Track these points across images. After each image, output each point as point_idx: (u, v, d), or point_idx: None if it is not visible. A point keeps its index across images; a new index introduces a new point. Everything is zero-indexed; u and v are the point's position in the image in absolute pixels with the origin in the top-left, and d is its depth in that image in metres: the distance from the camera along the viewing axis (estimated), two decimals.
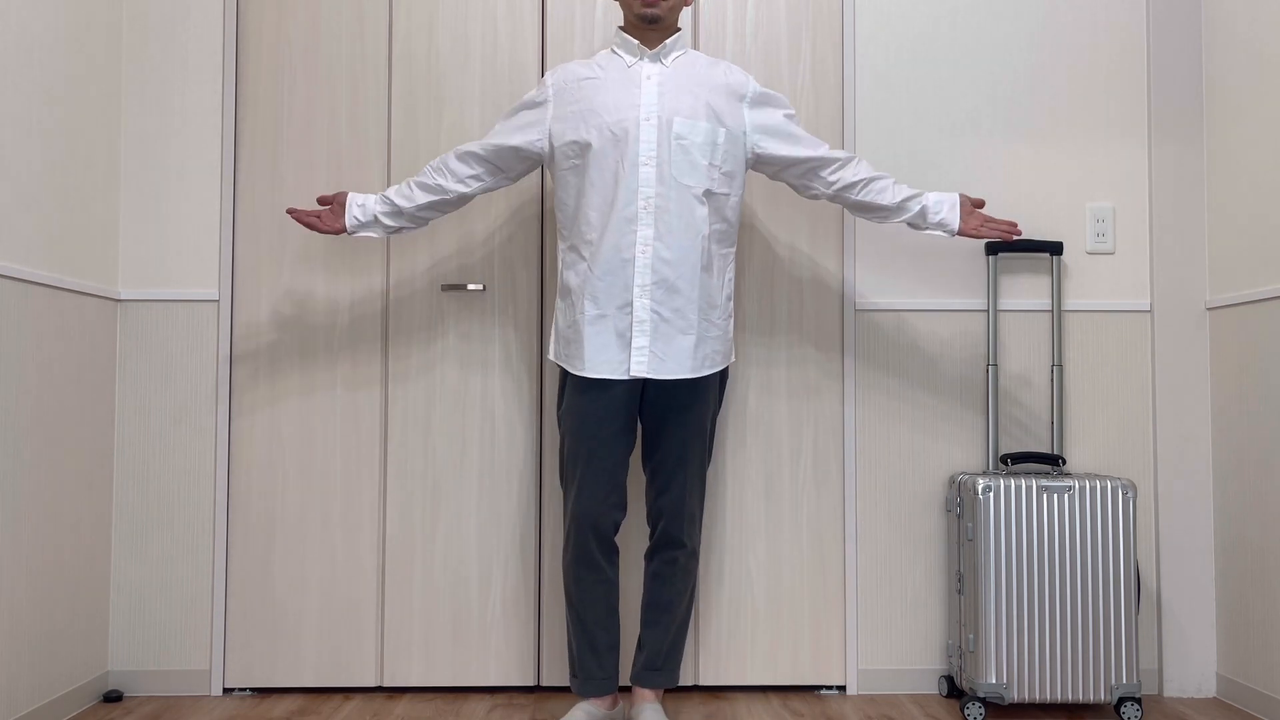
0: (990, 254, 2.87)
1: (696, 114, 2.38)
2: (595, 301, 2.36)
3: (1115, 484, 2.60)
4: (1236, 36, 2.76)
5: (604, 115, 2.38)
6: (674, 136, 2.36)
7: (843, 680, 2.85)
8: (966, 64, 2.92)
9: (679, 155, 2.36)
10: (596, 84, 2.42)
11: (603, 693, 2.46)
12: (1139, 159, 2.92)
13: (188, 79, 2.86)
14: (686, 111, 2.38)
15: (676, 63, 2.45)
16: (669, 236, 2.35)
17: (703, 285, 2.38)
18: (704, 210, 2.38)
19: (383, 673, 2.82)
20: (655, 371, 2.34)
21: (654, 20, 2.40)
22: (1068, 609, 2.57)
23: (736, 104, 2.44)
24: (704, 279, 2.38)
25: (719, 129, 2.39)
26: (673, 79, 2.41)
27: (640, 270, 2.34)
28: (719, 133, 2.39)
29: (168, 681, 2.79)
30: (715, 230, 2.41)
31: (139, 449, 2.82)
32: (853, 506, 2.85)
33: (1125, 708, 2.57)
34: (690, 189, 2.36)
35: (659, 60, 2.43)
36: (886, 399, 2.88)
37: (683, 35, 2.48)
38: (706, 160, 2.37)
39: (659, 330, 2.34)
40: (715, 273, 2.42)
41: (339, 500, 2.83)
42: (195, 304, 2.83)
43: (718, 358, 2.43)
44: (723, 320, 2.44)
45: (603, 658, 2.45)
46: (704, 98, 2.40)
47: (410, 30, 2.88)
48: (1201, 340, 2.87)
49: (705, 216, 2.38)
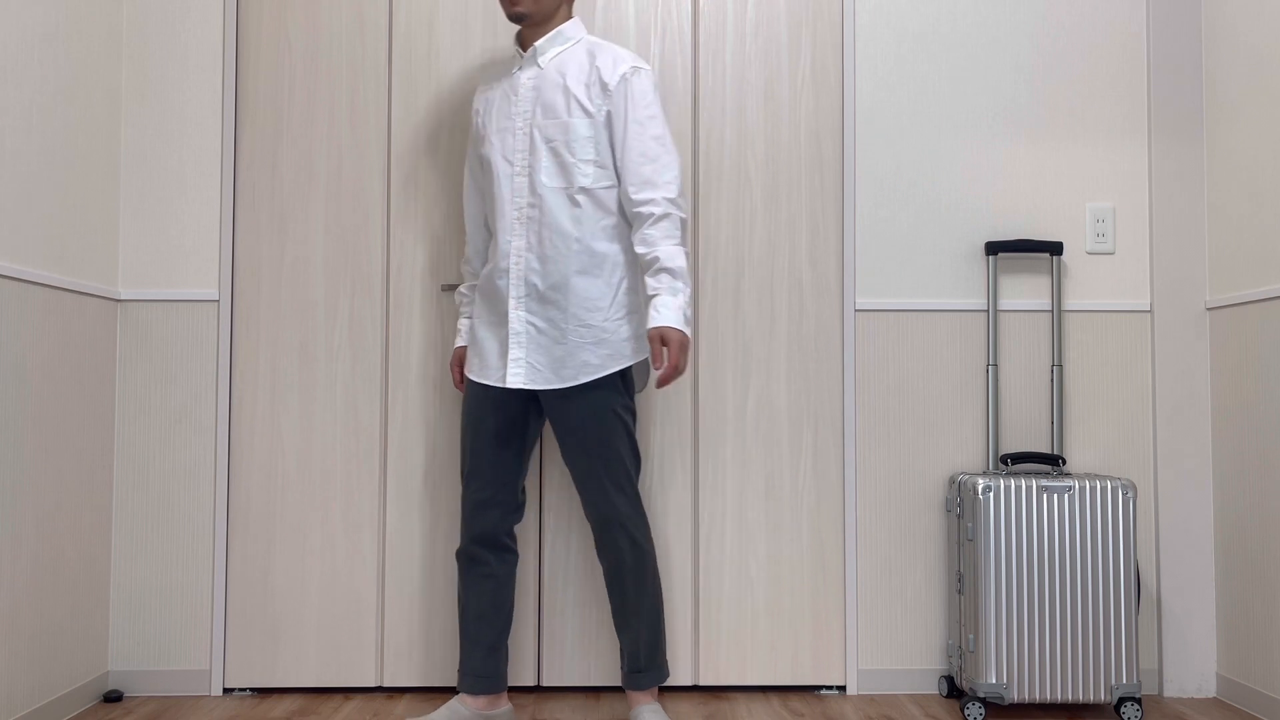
0: (990, 254, 2.87)
1: (562, 111, 2.36)
2: (488, 309, 2.45)
3: (1115, 484, 2.60)
4: (1236, 36, 2.76)
5: (490, 132, 2.46)
6: (544, 141, 2.36)
7: (843, 680, 2.85)
8: (966, 64, 2.92)
9: (548, 159, 2.36)
10: (489, 100, 2.49)
11: (477, 691, 2.44)
12: (1139, 159, 2.93)
13: (188, 79, 2.86)
14: (554, 111, 2.37)
15: (555, 61, 2.42)
16: (540, 246, 2.36)
17: (580, 292, 2.35)
18: (582, 210, 2.35)
19: (383, 673, 2.82)
20: (531, 382, 2.36)
21: (520, 19, 2.41)
22: (1068, 609, 2.57)
23: (600, 90, 2.38)
24: (582, 285, 2.35)
25: (584, 120, 2.36)
26: (547, 80, 2.40)
27: (514, 282, 2.38)
28: (584, 124, 2.36)
29: (168, 681, 2.79)
30: (603, 227, 2.37)
31: (139, 449, 2.82)
32: (853, 506, 2.85)
33: (1125, 708, 2.57)
34: (563, 191, 2.36)
35: (535, 62, 2.43)
36: (886, 399, 2.88)
37: (568, 28, 2.45)
38: (575, 157, 2.35)
39: (535, 341, 2.36)
40: (603, 273, 2.37)
41: (339, 500, 2.83)
42: (195, 304, 2.83)
43: (595, 365, 2.35)
44: (613, 323, 2.37)
45: (483, 655, 2.46)
46: (573, 91, 2.37)
47: (410, 30, 2.88)
48: (1201, 340, 2.87)
49: (584, 217, 2.35)
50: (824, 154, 2.90)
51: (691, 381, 2.86)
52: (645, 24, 2.90)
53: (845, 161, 2.89)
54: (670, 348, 2.27)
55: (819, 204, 2.89)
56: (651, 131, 2.36)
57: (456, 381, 2.62)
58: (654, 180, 2.34)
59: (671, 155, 2.37)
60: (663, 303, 2.28)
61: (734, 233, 2.88)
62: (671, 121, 2.89)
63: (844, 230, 2.89)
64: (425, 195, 2.86)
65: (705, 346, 2.87)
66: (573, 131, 2.35)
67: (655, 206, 2.32)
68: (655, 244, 2.31)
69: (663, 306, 2.28)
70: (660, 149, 2.36)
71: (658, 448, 2.85)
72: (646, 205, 2.33)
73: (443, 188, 2.86)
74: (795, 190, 2.89)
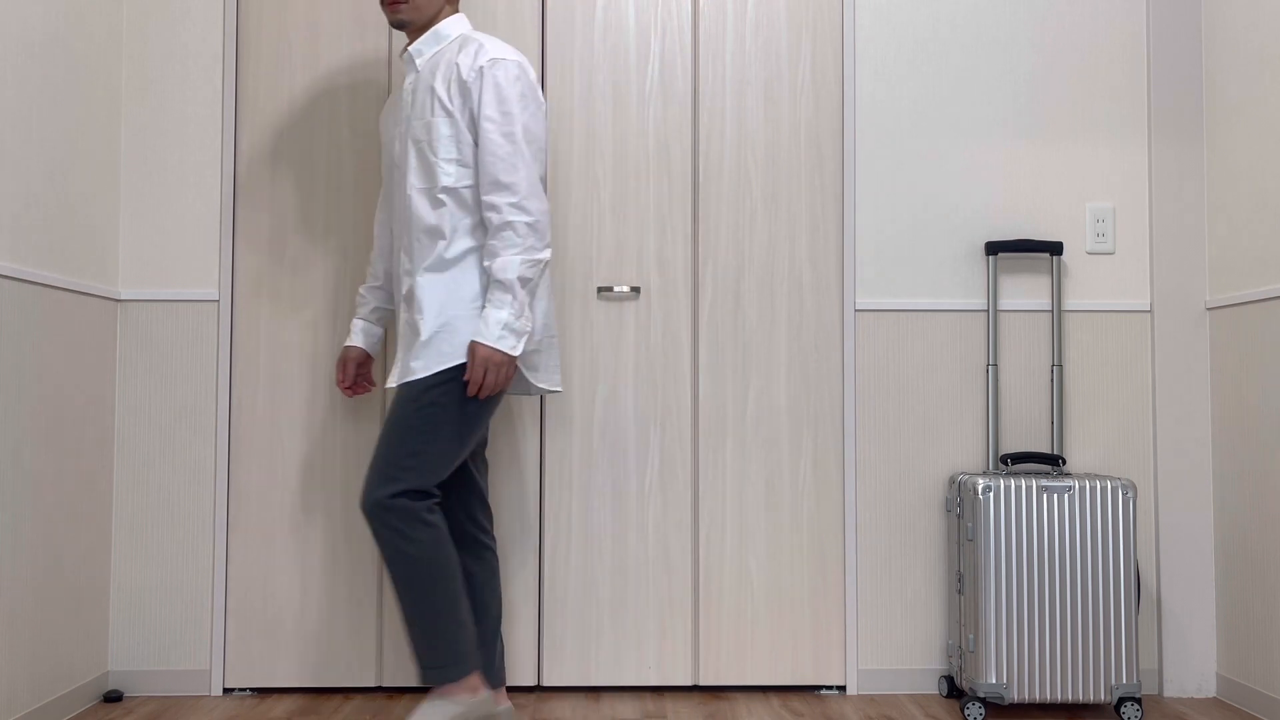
0: (990, 254, 2.87)
1: (427, 111, 2.33)
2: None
3: (1115, 484, 2.60)
4: (1236, 37, 2.76)
5: (385, 141, 2.51)
6: (413, 143, 2.34)
7: (843, 680, 2.85)
8: (967, 64, 2.92)
9: (415, 161, 2.33)
10: (387, 109, 2.52)
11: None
12: (1139, 159, 2.93)
13: (188, 79, 2.86)
14: (422, 112, 2.34)
15: (430, 61, 2.38)
16: (411, 248, 2.34)
17: (441, 290, 2.30)
18: (446, 210, 2.30)
19: (383, 673, 2.82)
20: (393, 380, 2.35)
21: (401, 25, 2.39)
22: (1068, 609, 2.57)
23: (458, 86, 2.31)
24: (443, 283, 2.30)
25: (444, 119, 2.31)
26: (421, 82, 2.37)
27: (397, 284, 2.41)
28: (444, 123, 2.31)
29: (168, 681, 2.79)
30: (469, 227, 2.31)
31: (139, 449, 2.82)
32: (853, 506, 2.85)
33: (1125, 708, 2.57)
34: (427, 191, 2.32)
35: (414, 65, 2.40)
36: (886, 399, 2.88)
37: (444, 26, 2.39)
38: (438, 156, 2.30)
39: (408, 343, 2.33)
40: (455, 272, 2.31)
41: (339, 500, 2.83)
42: (195, 304, 2.83)
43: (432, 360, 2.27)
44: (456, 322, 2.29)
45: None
46: (437, 90, 2.32)
47: None
48: (1201, 340, 2.87)
49: (447, 215, 2.30)
50: (824, 154, 2.90)
51: (691, 381, 2.86)
52: (645, 24, 2.90)
53: (845, 161, 2.89)
54: (472, 361, 2.22)
55: (819, 204, 2.89)
56: (504, 129, 2.27)
57: (339, 381, 2.64)
58: (500, 181, 2.26)
59: (523, 155, 2.27)
60: (484, 315, 2.24)
61: (734, 233, 2.88)
62: (671, 121, 2.89)
63: (844, 230, 2.89)
64: None
65: (705, 346, 2.87)
66: (435, 131, 2.31)
67: (496, 214, 2.25)
68: (494, 254, 2.25)
69: (482, 319, 2.24)
70: (509, 148, 2.27)
71: (658, 448, 2.85)
72: (490, 211, 2.26)
73: None
74: (795, 190, 2.89)
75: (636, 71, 2.89)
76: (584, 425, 2.85)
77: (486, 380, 2.23)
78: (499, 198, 2.25)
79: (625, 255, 2.87)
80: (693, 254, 2.88)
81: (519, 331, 2.25)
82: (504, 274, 2.23)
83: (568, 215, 2.87)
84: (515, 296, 2.24)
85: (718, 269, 2.88)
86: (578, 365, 2.85)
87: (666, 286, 2.87)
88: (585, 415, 2.85)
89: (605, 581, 2.84)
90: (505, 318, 2.23)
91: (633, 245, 2.87)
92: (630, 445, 2.85)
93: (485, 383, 2.24)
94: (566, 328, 2.86)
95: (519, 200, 2.25)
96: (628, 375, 2.85)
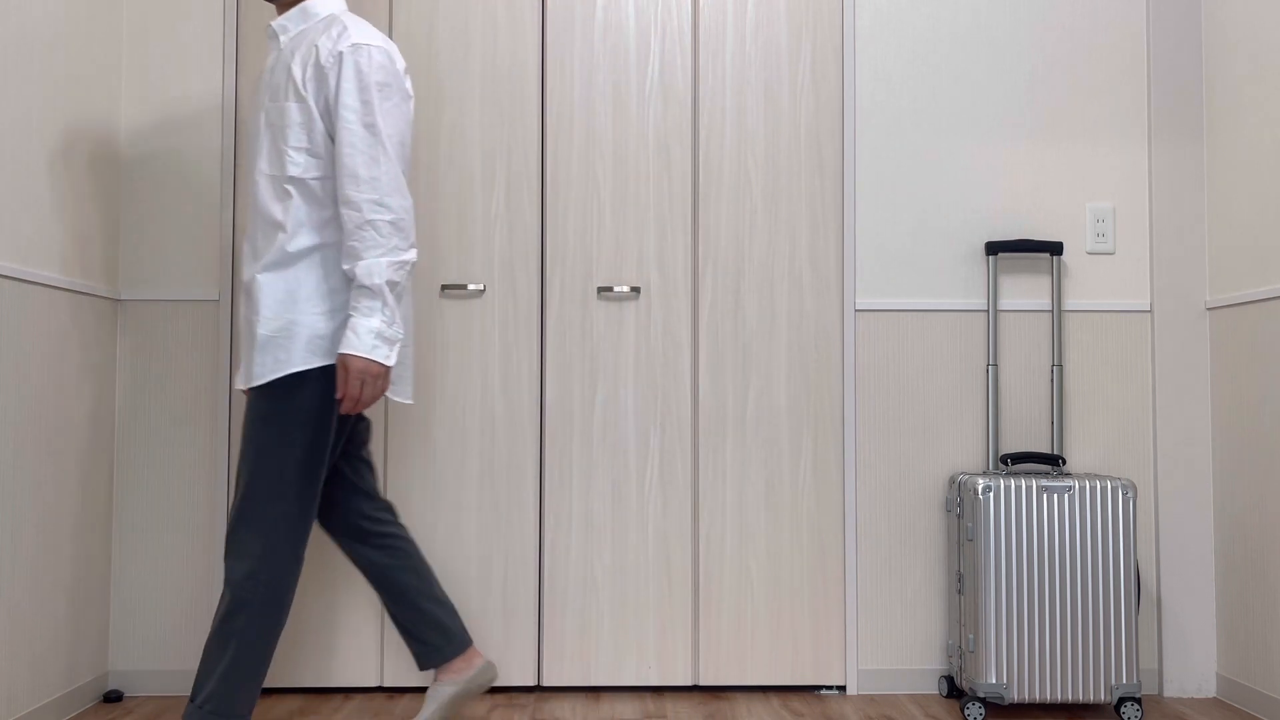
0: (990, 254, 2.87)
1: (281, 94, 2.16)
2: None
3: (1115, 484, 2.60)
4: (1237, 37, 2.76)
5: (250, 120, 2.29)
6: (267, 126, 2.17)
7: (843, 680, 2.85)
8: (966, 64, 2.92)
9: (267, 144, 2.16)
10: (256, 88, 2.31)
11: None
12: (1139, 159, 2.93)
13: (188, 79, 2.86)
14: (276, 94, 2.17)
15: (291, 40, 2.22)
16: (254, 238, 2.18)
17: (280, 288, 2.12)
18: (292, 201, 2.12)
19: (383, 673, 2.82)
20: (239, 382, 2.21)
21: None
22: (1068, 609, 2.57)
23: (315, 71, 2.14)
24: (283, 281, 2.12)
25: (296, 105, 2.13)
26: (280, 61, 2.20)
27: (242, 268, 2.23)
28: (295, 109, 2.13)
29: (168, 681, 2.79)
30: (315, 221, 2.14)
31: (139, 449, 2.82)
32: (853, 506, 2.86)
33: (1125, 708, 2.57)
34: (275, 179, 2.15)
35: (276, 43, 2.25)
36: (886, 399, 2.88)
37: (313, 4, 2.24)
38: (287, 144, 2.13)
39: (243, 338, 2.19)
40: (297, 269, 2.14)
41: None
42: (195, 304, 2.83)
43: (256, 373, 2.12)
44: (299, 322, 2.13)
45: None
46: (293, 73, 2.15)
47: (410, 30, 2.88)
48: (1201, 340, 2.87)
49: (293, 209, 2.12)
50: (824, 154, 2.90)
51: (691, 381, 2.86)
52: (645, 24, 2.90)
53: (845, 161, 2.89)
54: (345, 375, 2.07)
55: (819, 204, 2.89)
56: (364, 119, 2.11)
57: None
58: (359, 175, 2.09)
59: (384, 148, 2.11)
60: (351, 324, 2.08)
61: (734, 233, 2.88)
62: (671, 121, 2.89)
63: (844, 230, 2.89)
64: (425, 195, 2.86)
65: (705, 346, 2.87)
66: (286, 116, 2.13)
67: (355, 212, 2.09)
68: (356, 257, 2.08)
69: (350, 329, 2.07)
70: (370, 139, 2.11)
71: (658, 448, 2.85)
72: (348, 209, 2.09)
73: (443, 187, 2.86)
74: (795, 190, 2.89)
75: (636, 71, 2.89)
76: (584, 425, 2.85)
77: (364, 395, 2.09)
78: (358, 193, 2.09)
79: (625, 255, 2.87)
80: (693, 254, 2.88)
81: (391, 340, 2.10)
82: (370, 279, 2.07)
83: (568, 215, 2.87)
84: (385, 303, 2.09)
85: (718, 269, 2.88)
86: (578, 365, 2.85)
87: (666, 286, 2.87)
88: (585, 415, 2.85)
89: (605, 581, 2.84)
90: (376, 326, 2.08)
91: (633, 245, 2.87)
92: (630, 445, 2.85)
93: (362, 397, 2.09)
94: (566, 328, 2.86)
95: (380, 197, 2.10)
96: (628, 375, 2.85)
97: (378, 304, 2.08)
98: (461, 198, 2.86)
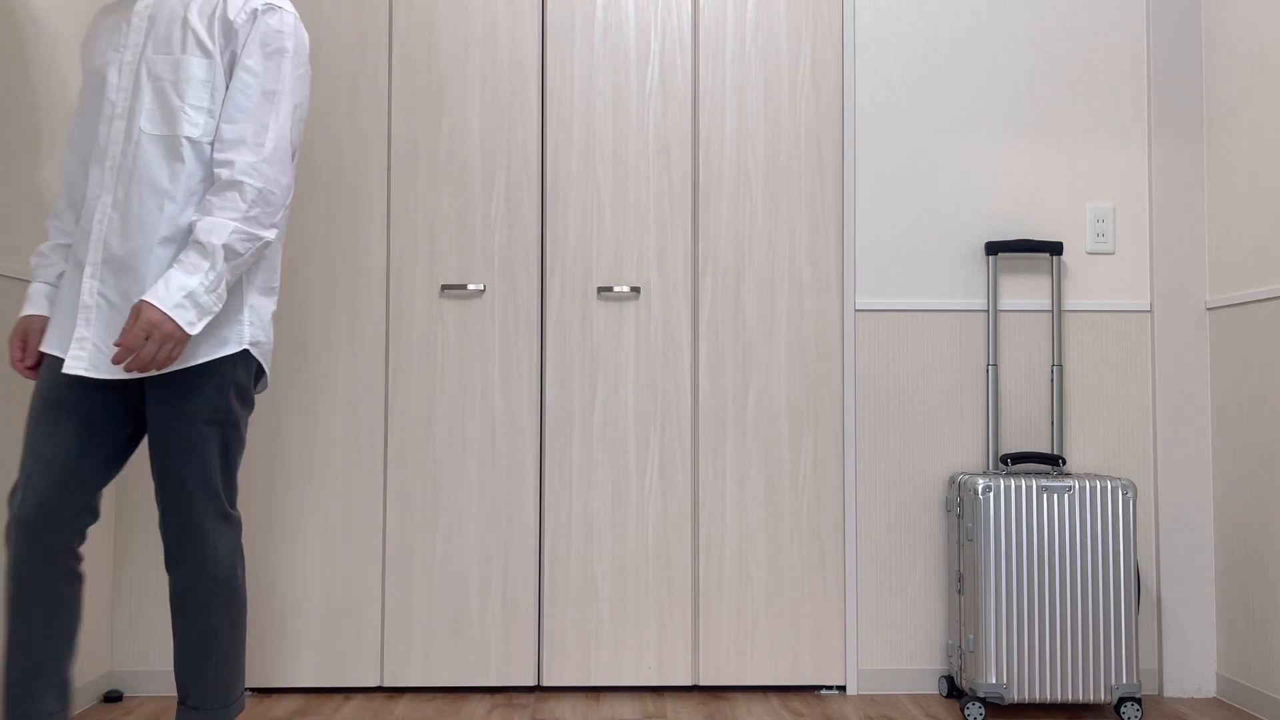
0: (990, 254, 2.87)
1: (177, 46, 1.97)
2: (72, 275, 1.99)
3: (1115, 484, 2.60)
4: (1236, 37, 2.76)
5: (90, 64, 2.04)
6: (150, 79, 1.96)
7: (843, 680, 2.85)
8: (967, 64, 2.92)
9: (152, 101, 1.95)
10: (98, 30, 2.07)
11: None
12: (1139, 159, 2.93)
13: None
14: (168, 46, 1.97)
15: None
16: (127, 204, 1.93)
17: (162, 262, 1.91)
18: (184, 166, 1.94)
19: (383, 673, 2.82)
20: (94, 370, 1.90)
21: None
22: (1068, 609, 2.57)
23: (222, 27, 1.98)
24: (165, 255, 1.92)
25: (201, 61, 1.96)
26: (165, 8, 2.00)
27: (94, 244, 1.94)
28: (200, 65, 1.96)
29: (168, 681, 2.79)
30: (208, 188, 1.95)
31: (139, 449, 2.81)
32: (853, 506, 2.86)
33: (1125, 708, 2.57)
34: (164, 139, 1.94)
35: None
36: (886, 399, 2.88)
37: None
38: (184, 101, 1.94)
39: (105, 319, 1.92)
40: None
41: (339, 500, 2.83)
42: None
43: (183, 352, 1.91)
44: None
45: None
46: (192, 24, 1.97)
47: (410, 30, 2.88)
48: (1201, 340, 2.87)
49: (184, 174, 1.93)
50: (824, 154, 2.90)
51: (691, 381, 2.86)
52: (645, 24, 2.90)
53: (845, 161, 2.89)
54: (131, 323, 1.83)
55: (819, 204, 2.89)
56: (265, 85, 1.96)
57: (15, 360, 2.03)
58: (244, 138, 1.93)
59: (279, 118, 1.96)
60: (167, 275, 1.86)
61: (734, 233, 2.88)
62: (671, 121, 2.89)
63: (844, 230, 2.89)
64: (425, 195, 2.86)
65: (705, 346, 2.87)
66: (184, 70, 1.95)
67: (227, 170, 1.91)
68: (205, 211, 1.90)
69: (163, 278, 1.85)
70: (267, 106, 1.96)
71: (658, 448, 2.85)
72: (221, 168, 1.92)
73: (443, 187, 2.86)
74: (795, 190, 2.89)
75: (636, 71, 2.89)
76: (584, 425, 2.85)
77: (145, 351, 1.83)
78: (237, 155, 1.92)
79: (625, 255, 2.87)
80: (693, 254, 2.88)
81: (204, 309, 1.87)
82: (208, 236, 1.87)
83: (568, 215, 2.87)
84: (214, 266, 1.87)
85: (718, 269, 2.88)
86: (578, 365, 2.85)
87: (666, 286, 2.87)
88: (585, 415, 2.85)
89: (605, 581, 2.84)
90: (192, 285, 1.85)
91: (633, 245, 2.87)
92: (630, 445, 2.85)
93: (143, 354, 1.83)
94: (566, 328, 2.86)
95: (258, 162, 1.93)
96: (628, 375, 2.86)
97: (205, 264, 1.87)
98: (461, 198, 2.86)
